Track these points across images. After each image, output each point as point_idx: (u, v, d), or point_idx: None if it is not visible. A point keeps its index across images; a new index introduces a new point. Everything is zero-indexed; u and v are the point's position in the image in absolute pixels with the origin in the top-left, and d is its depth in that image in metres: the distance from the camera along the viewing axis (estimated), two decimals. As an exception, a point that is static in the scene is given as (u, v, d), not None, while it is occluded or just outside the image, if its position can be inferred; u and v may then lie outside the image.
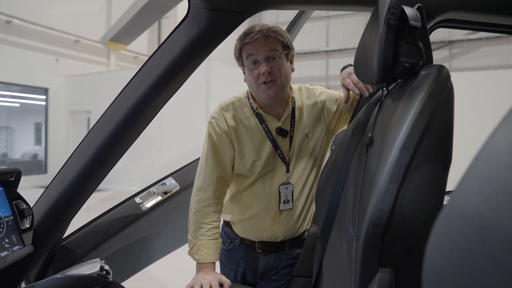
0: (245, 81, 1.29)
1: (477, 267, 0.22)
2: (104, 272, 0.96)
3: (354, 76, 1.29)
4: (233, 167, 1.32)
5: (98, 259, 0.99)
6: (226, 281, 1.19)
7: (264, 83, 1.20)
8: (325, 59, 12.44)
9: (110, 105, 1.14)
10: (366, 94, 1.27)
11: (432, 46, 0.92)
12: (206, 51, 1.07)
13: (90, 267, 0.96)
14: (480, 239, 0.22)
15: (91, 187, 1.14)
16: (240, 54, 1.25)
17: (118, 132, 1.08)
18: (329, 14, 12.31)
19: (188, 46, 1.04)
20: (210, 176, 1.29)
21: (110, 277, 0.99)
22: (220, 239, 1.31)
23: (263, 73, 1.19)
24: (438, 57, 10.27)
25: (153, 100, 1.09)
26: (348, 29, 11.99)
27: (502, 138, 0.24)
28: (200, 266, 1.25)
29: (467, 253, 0.23)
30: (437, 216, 0.70)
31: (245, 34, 1.22)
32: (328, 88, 1.42)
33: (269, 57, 1.20)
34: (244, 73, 1.28)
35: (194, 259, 1.27)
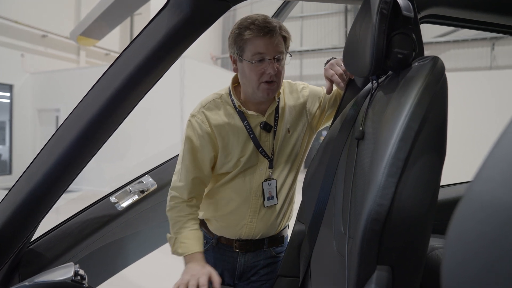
0: (235, 71, 1.23)
1: (501, 259, 0.22)
2: (79, 277, 0.88)
3: (337, 68, 1.27)
4: (213, 167, 1.28)
5: (72, 263, 0.90)
6: (216, 279, 1.13)
7: (267, 82, 1.16)
8: (299, 59, 12.55)
9: (82, 99, 1.06)
10: (342, 85, 1.26)
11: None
12: (188, 41, 1.02)
13: (63, 272, 0.87)
14: (505, 230, 0.22)
15: (61, 186, 1.06)
16: (243, 45, 1.14)
17: (90, 128, 1.01)
18: (303, 14, 12.44)
19: (169, 35, 0.97)
20: (186, 176, 1.25)
21: (86, 283, 0.90)
22: (201, 231, 1.26)
23: (269, 73, 1.14)
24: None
25: (129, 94, 1.02)
26: (322, 29, 12.14)
27: None
28: (188, 259, 1.19)
29: (490, 244, 0.22)
30: (433, 210, 0.67)
31: (258, 28, 1.10)
32: None
33: (277, 58, 1.15)
34: (234, 63, 1.21)
35: (179, 254, 1.21)
